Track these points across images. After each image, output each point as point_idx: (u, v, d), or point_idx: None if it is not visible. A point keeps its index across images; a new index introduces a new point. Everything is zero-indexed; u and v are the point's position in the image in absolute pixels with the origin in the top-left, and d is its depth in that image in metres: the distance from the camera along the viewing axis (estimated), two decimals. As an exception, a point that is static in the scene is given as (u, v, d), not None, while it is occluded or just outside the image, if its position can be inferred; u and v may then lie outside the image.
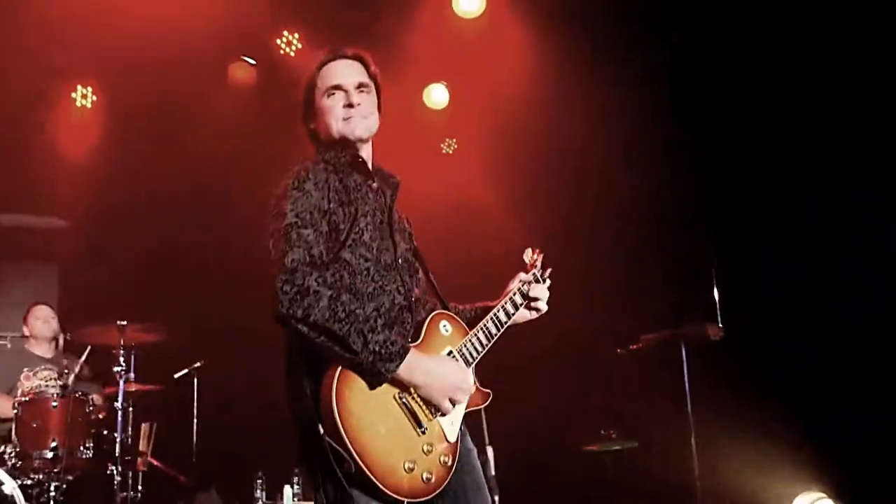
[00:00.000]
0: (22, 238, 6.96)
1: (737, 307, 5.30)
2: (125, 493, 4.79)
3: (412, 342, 2.38)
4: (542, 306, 2.86)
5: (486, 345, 2.56)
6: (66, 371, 4.90)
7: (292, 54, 6.45)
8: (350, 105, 2.49)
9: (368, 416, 2.21)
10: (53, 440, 4.51)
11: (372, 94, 2.58)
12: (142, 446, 5.20)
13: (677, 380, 5.15)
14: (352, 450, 2.14)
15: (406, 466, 2.24)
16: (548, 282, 2.92)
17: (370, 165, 2.57)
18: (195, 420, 5.78)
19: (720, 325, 5.14)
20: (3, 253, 6.87)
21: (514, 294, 2.78)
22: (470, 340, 2.52)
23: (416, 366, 2.27)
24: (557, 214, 6.54)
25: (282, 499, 5.48)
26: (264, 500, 5.70)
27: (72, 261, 6.97)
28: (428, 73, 7.27)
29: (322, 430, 2.16)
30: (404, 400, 2.29)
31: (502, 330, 2.65)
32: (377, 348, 2.20)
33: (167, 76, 6.13)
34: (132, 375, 5.11)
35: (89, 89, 6.57)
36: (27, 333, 5.54)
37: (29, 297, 6.08)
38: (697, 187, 6.04)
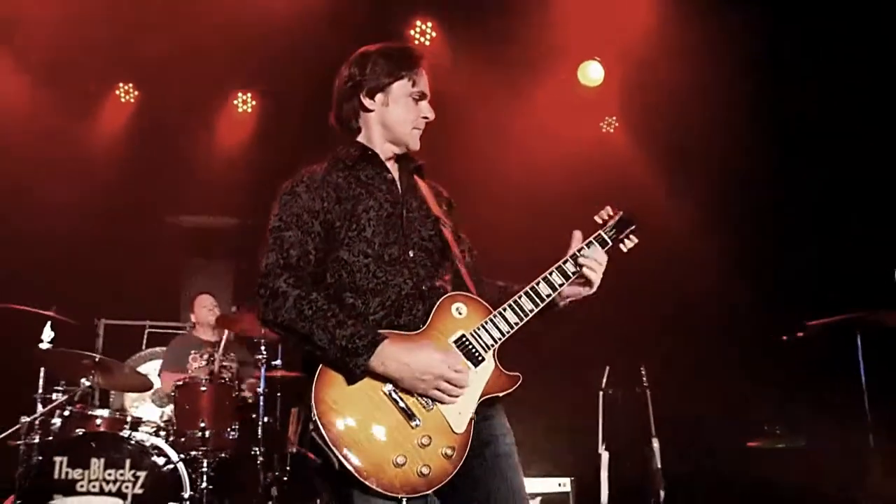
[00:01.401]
0: (201, 237, 7.55)
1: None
2: (270, 474, 5.02)
3: (415, 331, 2.29)
4: (594, 278, 2.46)
5: (517, 323, 2.35)
6: (224, 356, 5.26)
7: (427, 43, 6.44)
8: (426, 119, 2.51)
9: (350, 413, 2.18)
10: (202, 421, 4.83)
11: None
12: (290, 431, 5.43)
13: (850, 372, 4.63)
14: (333, 448, 2.13)
15: (395, 462, 2.16)
16: (628, 244, 2.56)
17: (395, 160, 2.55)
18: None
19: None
20: (186, 251, 7.50)
21: (566, 261, 2.47)
22: (490, 321, 2.34)
23: (389, 358, 2.19)
24: (717, 192, 6.13)
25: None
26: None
27: (245, 256, 7.48)
28: (582, 50, 7.05)
29: (311, 429, 2.16)
30: (396, 394, 2.22)
31: (541, 305, 2.39)
32: (344, 343, 2.18)
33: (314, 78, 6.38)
34: (279, 363, 5.35)
35: (249, 95, 7.00)
36: (193, 321, 6.02)
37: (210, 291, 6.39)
38: (876, 164, 5.41)
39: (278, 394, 5.41)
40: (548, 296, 2.41)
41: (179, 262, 7.56)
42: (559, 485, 5.56)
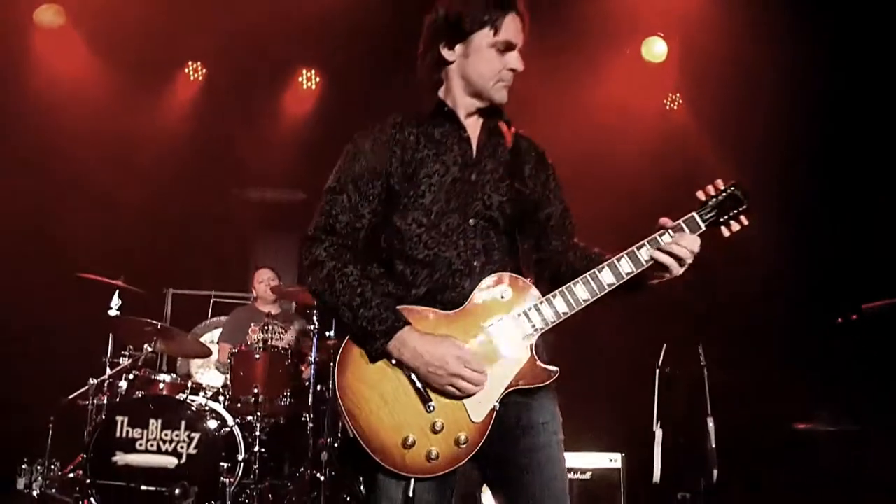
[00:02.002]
0: (268, 210, 7.77)
1: None
2: (321, 440, 5.20)
3: (454, 309, 2.22)
4: (673, 267, 2.25)
5: (565, 313, 2.23)
6: (284, 326, 5.45)
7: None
8: (513, 71, 2.33)
9: (368, 387, 2.18)
10: (255, 388, 5.04)
11: None
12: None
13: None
14: (347, 417, 2.16)
15: (405, 442, 2.15)
16: (734, 227, 2.33)
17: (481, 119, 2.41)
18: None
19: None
20: (253, 224, 7.74)
21: (642, 246, 2.27)
22: (535, 307, 2.23)
23: (405, 346, 2.15)
24: (774, 172, 5.99)
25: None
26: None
27: (310, 230, 7.66)
28: (646, 27, 6.94)
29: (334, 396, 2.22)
30: (413, 375, 2.19)
31: (598, 295, 2.24)
32: (364, 324, 2.17)
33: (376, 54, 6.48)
34: (331, 333, 5.51)
35: (313, 72, 7.16)
36: (254, 294, 6.24)
37: (276, 264, 6.50)
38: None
39: (332, 363, 5.56)
40: (610, 285, 2.26)
41: (247, 235, 7.80)
42: (610, 460, 5.58)
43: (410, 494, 2.15)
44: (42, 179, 6.37)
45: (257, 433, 4.98)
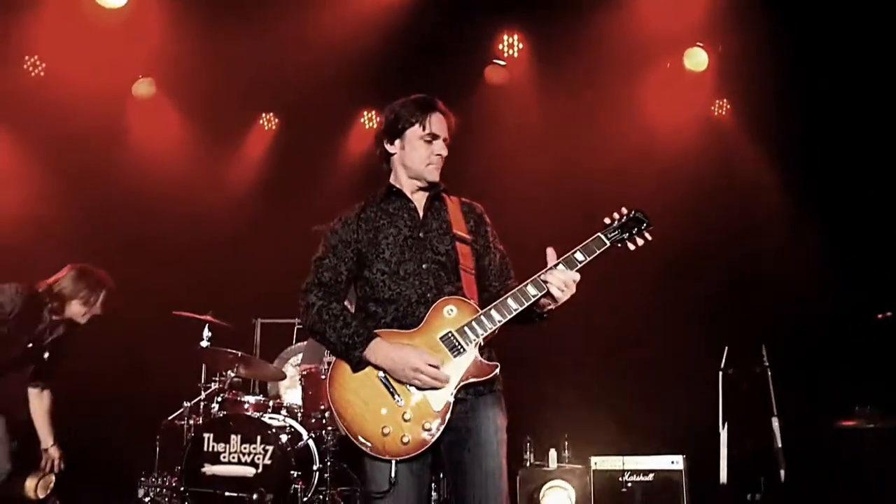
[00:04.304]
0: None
1: None
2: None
3: (413, 328, 2.86)
4: (559, 296, 2.84)
5: (500, 321, 2.85)
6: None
7: (515, 56, 6.86)
8: (439, 156, 3.03)
9: (352, 393, 2.83)
10: (323, 404, 5.64)
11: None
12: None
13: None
14: (339, 418, 2.82)
15: (383, 431, 2.77)
16: (639, 241, 2.94)
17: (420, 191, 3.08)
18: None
19: None
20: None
21: (539, 276, 2.88)
22: (476, 320, 2.86)
23: (377, 352, 2.81)
24: (816, 174, 6.11)
25: (548, 460, 6.13)
26: (532, 460, 6.33)
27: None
28: (684, 38, 7.18)
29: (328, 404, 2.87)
30: (387, 379, 2.83)
31: (526, 304, 2.85)
32: (346, 339, 2.83)
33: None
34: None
35: (373, 113, 7.83)
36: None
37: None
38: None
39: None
40: (533, 295, 2.85)
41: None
42: (672, 462, 5.81)
43: (392, 476, 2.76)
44: (135, 227, 7.25)
45: (326, 444, 5.58)
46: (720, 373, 5.98)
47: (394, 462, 2.76)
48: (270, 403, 5.90)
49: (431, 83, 6.75)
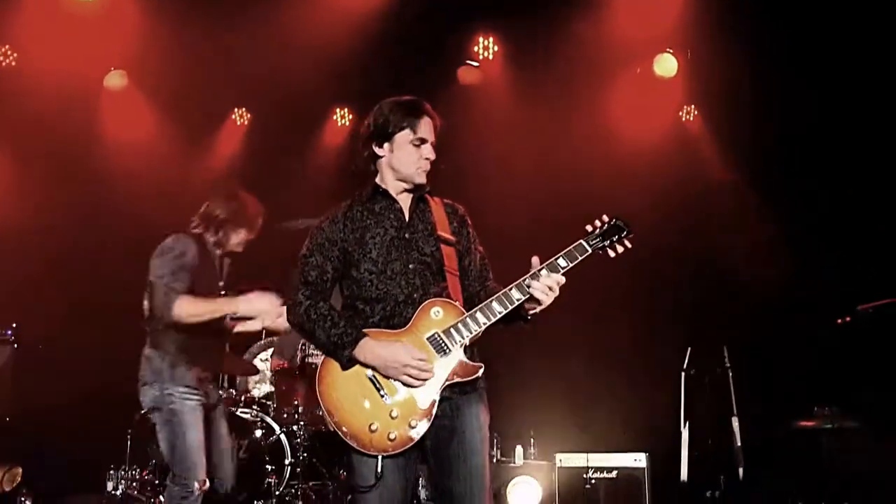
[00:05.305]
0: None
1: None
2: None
3: (400, 329, 2.93)
4: (543, 300, 2.92)
5: (485, 323, 2.93)
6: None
7: (490, 58, 6.96)
8: (427, 160, 3.07)
9: (341, 391, 2.90)
10: (296, 400, 5.70)
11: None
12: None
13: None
14: (327, 414, 2.88)
15: (371, 428, 2.85)
16: (619, 249, 2.99)
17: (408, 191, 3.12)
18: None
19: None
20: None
21: (525, 280, 2.93)
22: (462, 322, 2.93)
23: (366, 351, 2.87)
24: (778, 175, 6.28)
25: (514, 457, 6.30)
26: (499, 456, 6.46)
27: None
28: (655, 44, 7.32)
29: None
30: (375, 377, 2.91)
31: (510, 308, 2.92)
32: (335, 339, 2.89)
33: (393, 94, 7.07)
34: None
35: (346, 110, 7.86)
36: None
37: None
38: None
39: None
40: (518, 299, 2.92)
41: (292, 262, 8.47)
42: (635, 460, 5.98)
43: (378, 471, 2.84)
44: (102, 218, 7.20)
45: (298, 439, 5.64)
46: (682, 373, 6.11)
47: (380, 457, 2.84)
48: (242, 398, 5.94)
49: (404, 81, 6.93)
